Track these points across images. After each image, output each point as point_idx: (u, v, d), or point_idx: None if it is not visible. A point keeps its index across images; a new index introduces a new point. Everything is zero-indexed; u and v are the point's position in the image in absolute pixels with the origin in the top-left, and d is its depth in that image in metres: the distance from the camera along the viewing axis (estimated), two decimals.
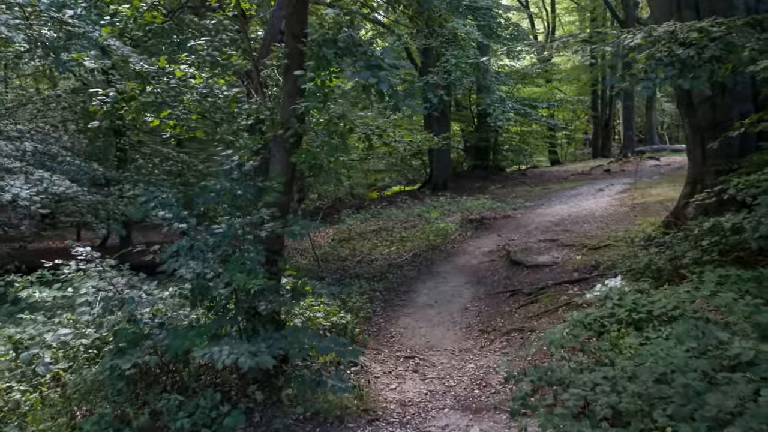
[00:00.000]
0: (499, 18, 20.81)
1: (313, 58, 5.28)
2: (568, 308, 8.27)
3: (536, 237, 12.99)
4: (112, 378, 4.86)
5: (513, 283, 10.30)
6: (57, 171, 8.61)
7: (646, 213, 13.92)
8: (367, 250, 13.50)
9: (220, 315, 5.44)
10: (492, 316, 8.88)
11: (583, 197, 17.66)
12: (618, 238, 11.54)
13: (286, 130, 5.74)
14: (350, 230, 15.37)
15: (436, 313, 9.24)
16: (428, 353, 7.64)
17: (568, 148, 36.34)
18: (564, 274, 10.06)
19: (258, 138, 6.02)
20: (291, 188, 6.04)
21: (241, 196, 5.38)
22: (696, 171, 10.08)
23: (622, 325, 6.54)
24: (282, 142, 5.85)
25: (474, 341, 8.08)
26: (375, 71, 4.74)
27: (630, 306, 6.75)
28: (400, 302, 9.84)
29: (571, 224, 13.97)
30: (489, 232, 14.42)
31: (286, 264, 6.80)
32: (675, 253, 8.50)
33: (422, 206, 17.03)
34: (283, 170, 5.85)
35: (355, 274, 11.70)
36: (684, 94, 10.11)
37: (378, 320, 9.01)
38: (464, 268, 11.57)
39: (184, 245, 5.24)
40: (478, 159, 24.80)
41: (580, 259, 10.69)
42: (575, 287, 9.21)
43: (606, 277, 9.25)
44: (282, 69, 5.80)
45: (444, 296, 10.00)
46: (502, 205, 16.69)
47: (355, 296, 9.45)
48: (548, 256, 11.28)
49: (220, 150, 5.43)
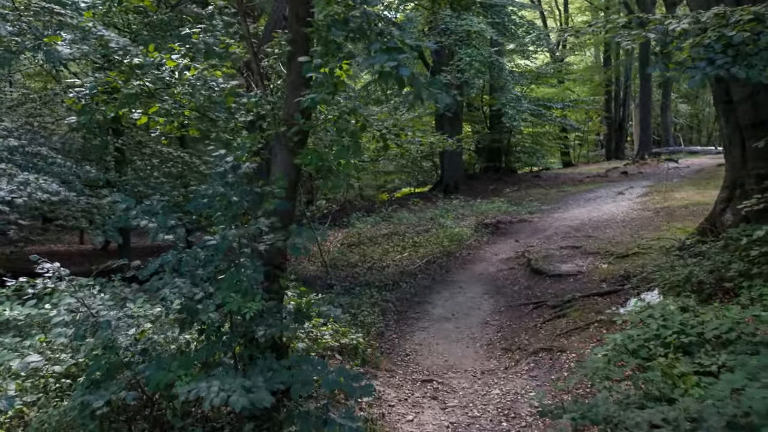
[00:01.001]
0: (513, 15, 19.99)
1: (321, 42, 4.47)
2: (601, 325, 7.42)
3: (557, 243, 12.13)
4: (82, 417, 4.07)
5: (535, 294, 9.45)
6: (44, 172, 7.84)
7: (672, 218, 13.03)
8: (378, 256, 12.68)
9: (212, 340, 4.63)
10: (515, 332, 8.03)
11: (603, 200, 16.77)
12: (647, 245, 10.66)
13: (289, 127, 4.94)
14: (360, 234, 14.55)
15: (454, 327, 8.41)
16: (447, 375, 6.81)
17: (581, 150, 35.37)
18: (591, 285, 9.20)
19: (258, 136, 5.22)
20: (295, 194, 5.22)
21: (236, 203, 4.57)
22: (735, 174, 9.19)
23: (669, 350, 5.68)
24: (285, 141, 5.04)
25: (497, 361, 7.24)
26: (394, 54, 3.92)
27: (677, 327, 5.88)
28: (414, 315, 9.01)
29: (593, 229, 13.10)
30: (506, 237, 13.57)
31: (290, 280, 5.97)
32: (716, 265, 7.63)
33: (435, 209, 16.19)
34: (285, 173, 5.04)
35: (366, 282, 10.88)
36: (722, 91, 9.22)
37: (391, 335, 8.18)
38: (482, 277, 10.72)
39: (169, 260, 4.44)
40: (490, 161, 23.93)
41: (606, 268, 9.82)
42: (605, 300, 8.35)
43: (639, 289, 8.38)
44: (285, 57, 4.99)
45: (461, 308, 9.16)
46: (518, 208, 15.82)
47: (366, 308, 8.63)
48: (572, 265, 10.42)
49: (212, 150, 4.62)
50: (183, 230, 4.61)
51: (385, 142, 5.08)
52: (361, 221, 15.69)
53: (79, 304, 4.40)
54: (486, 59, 16.96)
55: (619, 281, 9.07)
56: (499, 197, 18.06)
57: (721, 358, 5.40)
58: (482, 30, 17.14)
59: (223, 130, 5.42)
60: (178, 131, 5.62)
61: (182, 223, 4.71)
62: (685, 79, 6.04)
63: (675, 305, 6.56)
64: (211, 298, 4.31)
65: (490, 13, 19.11)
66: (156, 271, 4.39)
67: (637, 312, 7.19)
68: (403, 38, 3.91)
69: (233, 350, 4.64)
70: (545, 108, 21.84)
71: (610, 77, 31.54)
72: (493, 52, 18.16)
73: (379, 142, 5.18)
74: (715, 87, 9.39)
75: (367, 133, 5.17)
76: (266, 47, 5.31)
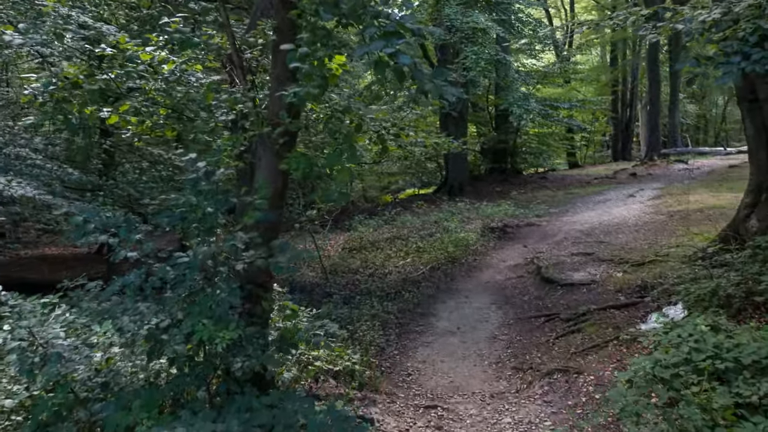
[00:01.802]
0: (521, 13, 19.29)
1: (308, 29, 3.81)
2: (620, 344, 6.73)
3: (567, 249, 11.43)
4: None
5: (546, 305, 8.77)
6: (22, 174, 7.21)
7: (687, 222, 12.31)
8: (380, 261, 12.01)
9: (184, 371, 3.98)
10: (526, 348, 7.35)
11: (613, 203, 16.05)
12: (663, 252, 9.96)
13: (274, 127, 4.28)
14: (362, 238, 13.87)
15: (460, 342, 7.74)
16: (453, 399, 6.14)
17: (587, 151, 34.58)
18: (606, 296, 8.51)
19: (240, 138, 4.57)
20: (282, 202, 4.56)
21: (211, 214, 3.91)
22: (760, 177, 8.50)
23: (703, 377, 4.99)
24: (269, 143, 4.38)
25: (507, 382, 6.57)
26: (392, 40, 3.26)
27: (711, 351, 5.19)
28: (417, 328, 8.34)
29: (604, 234, 12.39)
30: (513, 242, 12.88)
31: (273, 301, 5.26)
32: (744, 276, 6.95)
33: (439, 212, 15.50)
34: (270, 180, 4.38)
35: (367, 291, 10.22)
36: (747, 90, 8.52)
37: (392, 352, 7.52)
38: (489, 286, 10.04)
39: (132, 281, 3.78)
40: (495, 162, 23.18)
41: (622, 277, 9.13)
42: (623, 314, 7.65)
43: (660, 302, 7.70)
44: (270, 48, 4.34)
45: (467, 321, 8.49)
46: (525, 211, 15.11)
47: (365, 321, 7.97)
48: (584, 273, 9.73)
49: (182, 154, 3.97)
50: (151, 245, 3.96)
51: (384, 144, 4.41)
52: (364, 224, 15.01)
53: (25, 331, 3.76)
54: (492, 57, 16.25)
55: (637, 292, 8.38)
56: (506, 199, 17.36)
57: (762, 387, 4.74)
58: (489, 27, 16.44)
59: (201, 130, 4.77)
60: (152, 132, 4.97)
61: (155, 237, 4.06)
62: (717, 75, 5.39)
63: (704, 323, 5.86)
64: (179, 327, 3.65)
65: (496, 10, 18.40)
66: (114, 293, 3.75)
67: (662, 331, 6.52)
68: (402, 22, 3.25)
69: (208, 385, 3.99)
70: (552, 108, 21.10)
71: (617, 77, 30.78)
72: (500, 50, 17.47)
73: (378, 144, 4.51)
74: (740, 86, 8.69)
75: (363, 134, 4.51)
76: (249, 36, 4.67)
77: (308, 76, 3.56)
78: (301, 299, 9.94)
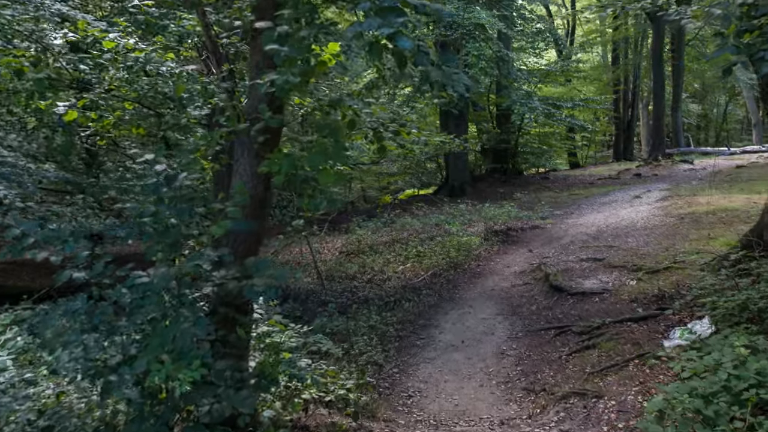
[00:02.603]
0: (523, 10, 18.62)
1: (290, 4, 3.13)
2: (642, 363, 6.05)
3: (575, 254, 10.76)
4: None
5: (556, 316, 8.09)
6: None
7: (700, 226, 11.62)
8: (379, 267, 11.33)
9: (144, 413, 3.30)
10: (537, 366, 6.68)
11: (619, 205, 15.37)
12: (679, 258, 9.29)
13: (252, 123, 3.61)
14: (360, 242, 13.18)
15: (464, 358, 7.06)
16: (459, 428, 5.47)
17: (587, 151, 33.89)
18: (620, 307, 7.84)
19: (216, 136, 3.89)
20: (263, 211, 3.88)
21: (175, 226, 3.24)
22: None
23: (746, 410, 4.32)
24: (248, 142, 3.71)
25: (518, 406, 5.89)
26: (390, 17, 2.59)
27: (753, 378, 4.51)
28: (418, 342, 7.65)
29: (612, 238, 11.72)
30: (518, 246, 12.20)
31: (251, 328, 4.47)
32: None
33: (440, 214, 14.81)
34: (248, 184, 3.70)
35: (365, 299, 9.55)
36: None
37: (391, 369, 6.83)
38: (494, 294, 9.37)
39: (78, 308, 3.11)
40: (496, 162, 22.47)
41: (636, 286, 8.46)
42: (642, 328, 6.98)
43: (681, 315, 7.02)
44: (249, 29, 3.66)
45: (472, 333, 7.81)
46: (529, 213, 14.42)
47: (362, 336, 7.30)
48: (595, 281, 9.05)
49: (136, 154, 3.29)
50: (103, 264, 3.28)
51: (380, 142, 3.74)
52: (362, 227, 14.31)
53: None
54: (495, 53, 15.56)
55: (654, 303, 7.70)
56: (508, 201, 16.65)
57: None
58: (491, 23, 15.75)
59: (171, 127, 4.09)
60: (118, 130, 4.29)
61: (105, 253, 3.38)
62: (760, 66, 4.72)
63: (741, 343, 5.19)
64: (131, 365, 2.98)
65: (498, 6, 17.71)
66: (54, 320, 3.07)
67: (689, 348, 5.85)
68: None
69: (171, 429, 3.31)
70: (555, 107, 20.41)
71: (619, 76, 30.09)
72: (502, 47, 16.78)
73: (374, 142, 3.83)
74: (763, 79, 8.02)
75: (359, 132, 3.83)
76: (224, 17, 3.99)
77: (289, 60, 2.88)
78: (294, 309, 9.28)
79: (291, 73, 2.85)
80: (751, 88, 30.63)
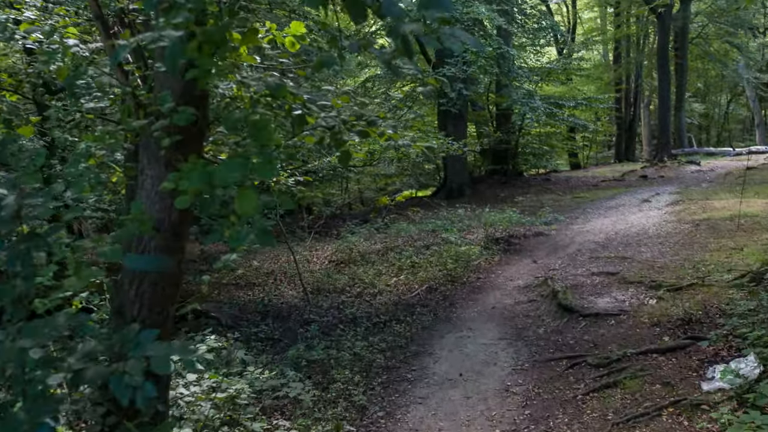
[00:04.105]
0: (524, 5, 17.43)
1: None
2: (678, 411, 4.89)
3: (584, 266, 9.59)
4: None
5: (567, 342, 6.93)
6: None
7: (718, 234, 10.46)
8: (370, 279, 10.17)
9: None
10: (548, 409, 5.50)
11: (627, 209, 14.20)
12: (702, 272, 8.14)
13: (157, 118, 2.45)
14: (352, 249, 12.01)
15: (463, 397, 5.88)
16: None
17: (588, 152, 32.66)
18: (641, 333, 6.68)
19: (119, 137, 2.74)
20: (178, 244, 2.70)
21: (20, 276, 2.08)
22: None
23: None
24: (154, 146, 2.54)
25: None
26: None
27: None
28: (409, 374, 6.48)
29: (623, 247, 10.56)
30: (521, 256, 11.03)
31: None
32: None
33: (437, 219, 13.61)
34: (153, 205, 2.54)
35: (352, 318, 8.39)
36: None
37: (375, 413, 5.65)
38: (495, 313, 8.20)
39: None
40: (496, 163, 21.27)
41: (657, 306, 7.30)
42: (671, 362, 5.82)
43: (716, 346, 5.85)
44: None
45: (471, 363, 6.64)
46: (531, 218, 13.23)
47: (343, 370, 6.13)
48: (610, 299, 7.89)
49: None
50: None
51: (341, 146, 2.59)
52: (355, 233, 13.13)
53: None
54: (495, 50, 14.40)
55: (681, 329, 6.54)
56: (509, 205, 15.45)
57: None
58: (491, 18, 14.58)
59: (58, 123, 2.94)
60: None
61: None
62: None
63: None
64: None
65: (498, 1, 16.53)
66: None
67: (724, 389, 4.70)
68: None
69: None
70: (557, 107, 19.21)
71: (620, 75, 28.88)
72: (503, 43, 15.60)
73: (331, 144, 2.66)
74: None
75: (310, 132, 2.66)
76: None
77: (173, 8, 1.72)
78: (274, 329, 8.14)
79: (170, 28, 1.68)
80: (755, 87, 29.44)
